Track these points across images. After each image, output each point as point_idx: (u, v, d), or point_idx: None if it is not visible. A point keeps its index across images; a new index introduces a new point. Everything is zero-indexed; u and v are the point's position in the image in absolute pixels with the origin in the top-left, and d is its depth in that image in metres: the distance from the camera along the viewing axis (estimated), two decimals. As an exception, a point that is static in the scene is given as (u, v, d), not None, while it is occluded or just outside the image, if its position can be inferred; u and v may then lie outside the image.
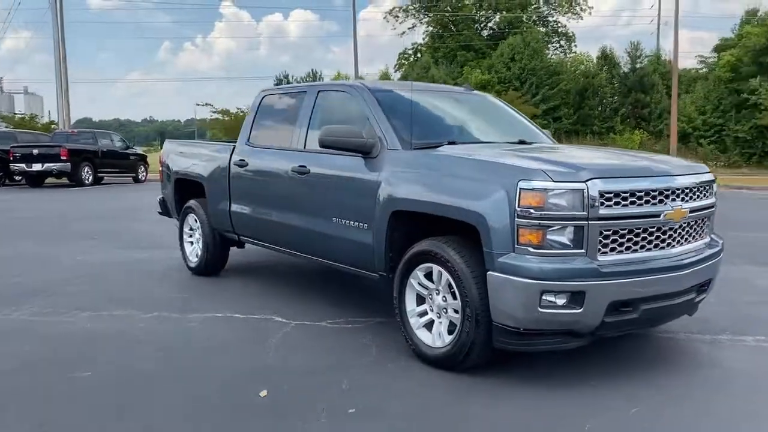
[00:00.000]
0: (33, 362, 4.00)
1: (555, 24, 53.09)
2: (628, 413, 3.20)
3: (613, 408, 3.26)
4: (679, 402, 3.36)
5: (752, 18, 38.11)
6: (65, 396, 3.46)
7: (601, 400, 3.35)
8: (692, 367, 3.88)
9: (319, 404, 3.32)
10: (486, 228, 3.40)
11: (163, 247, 8.19)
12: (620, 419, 3.14)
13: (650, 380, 3.64)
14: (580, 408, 3.26)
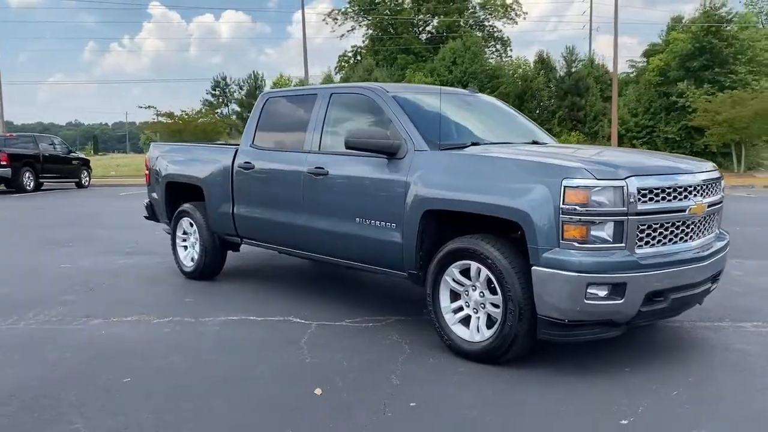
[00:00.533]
0: (78, 369, 3.91)
1: (491, 29, 54.36)
2: (670, 395, 3.42)
3: (653, 391, 3.48)
4: (710, 382, 3.62)
5: (678, 25, 40.05)
6: (126, 402, 3.41)
7: (641, 385, 3.57)
8: (707, 352, 4.16)
9: (377, 399, 3.41)
10: (531, 225, 3.56)
11: (145, 253, 8.04)
12: (665, 401, 3.36)
13: (675, 365, 3.89)
14: (626, 392, 3.46)
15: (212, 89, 55.71)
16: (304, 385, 3.63)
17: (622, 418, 3.14)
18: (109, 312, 5.22)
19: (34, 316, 5.15)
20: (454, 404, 3.36)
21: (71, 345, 4.41)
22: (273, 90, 6.11)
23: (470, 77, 36.87)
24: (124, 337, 4.61)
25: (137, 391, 3.56)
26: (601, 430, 3.04)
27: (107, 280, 6.51)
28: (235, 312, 5.18)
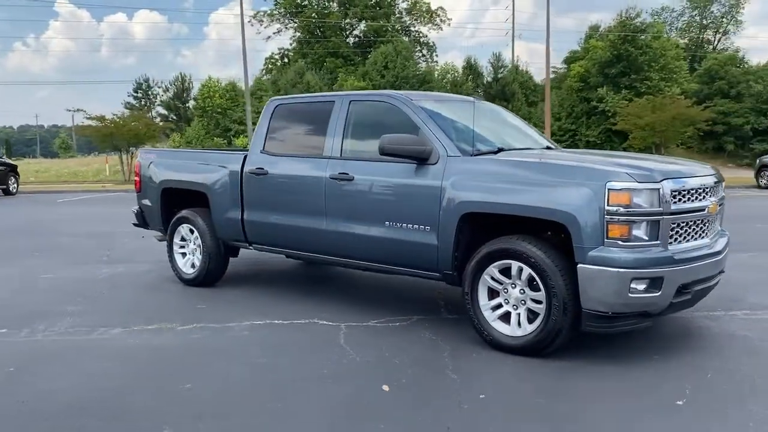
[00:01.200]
0: (134, 378, 3.90)
1: (417, 34, 55.26)
2: (705, 378, 3.80)
3: (688, 375, 3.84)
4: (733, 365, 4.02)
5: (594, 33, 42.06)
6: (205, 406, 3.45)
7: (675, 371, 3.93)
8: (716, 339, 4.58)
9: (446, 393, 3.61)
10: (577, 225, 3.85)
11: (125, 262, 7.87)
12: (704, 383, 3.73)
13: (694, 352, 4.29)
14: (664, 378, 3.81)
15: (134, 91, 53.98)
16: (370, 382, 3.78)
17: (676, 399, 3.47)
18: (125, 321, 5.16)
19: (47, 327, 5.02)
20: (521, 394, 3.61)
21: (107, 355, 4.37)
22: (282, 96, 6.17)
23: (402, 82, 37.42)
24: (157, 345, 4.59)
25: (210, 395, 3.61)
26: (664, 410, 3.35)
27: (102, 289, 6.37)
28: (255, 316, 5.23)
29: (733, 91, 39.01)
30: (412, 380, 3.82)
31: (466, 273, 4.41)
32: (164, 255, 6.63)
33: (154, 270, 7.23)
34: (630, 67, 36.16)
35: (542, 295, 4.06)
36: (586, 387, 3.68)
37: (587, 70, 37.96)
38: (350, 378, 3.89)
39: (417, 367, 4.04)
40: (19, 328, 5.02)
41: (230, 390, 3.71)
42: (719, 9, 54.76)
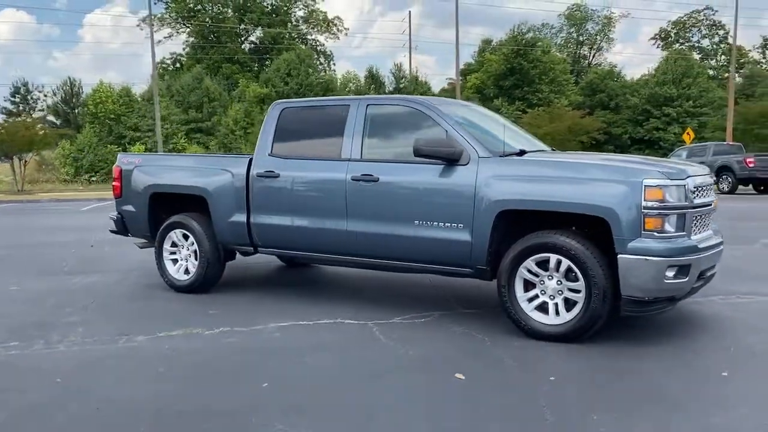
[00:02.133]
0: (203, 381, 3.85)
1: (314, 42, 55.43)
2: (729, 353, 4.30)
3: (714, 351, 4.33)
4: (746, 342, 4.55)
5: (487, 46, 44.17)
6: (303, 402, 3.49)
7: (700, 349, 4.41)
8: (719, 321, 5.11)
9: (519, 378, 3.86)
10: (617, 219, 4.23)
11: (91, 272, 7.51)
12: (732, 357, 4.21)
13: (703, 333, 4.80)
14: (695, 354, 4.28)
15: (11, 96, 50.17)
16: (437, 373, 3.96)
17: (720, 372, 3.91)
18: (143, 329, 4.99)
19: (63, 338, 4.78)
20: (588, 376, 3.92)
21: (149, 361, 4.27)
22: (287, 100, 6.18)
23: (307, 89, 37.46)
24: (194, 349, 4.52)
25: (294, 392, 3.65)
26: (713, 380, 3.79)
27: (86, 299, 6.07)
28: (277, 319, 5.22)
29: (612, 102, 42.22)
30: (481, 368, 4.03)
31: (502, 267, 4.68)
32: (128, 263, 6.47)
33: (128, 278, 7.00)
34: (523, 80, 38.30)
35: (581, 284, 4.40)
36: (641, 368, 4.04)
37: (483, 82, 39.77)
38: (415, 370, 4.04)
39: (471, 357, 4.26)
40: (29, 340, 4.74)
41: (310, 386, 3.76)
42: (593, 27, 59.00)
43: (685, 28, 58.47)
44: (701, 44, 58.16)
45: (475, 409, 3.40)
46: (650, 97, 40.73)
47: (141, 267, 7.61)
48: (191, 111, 38.23)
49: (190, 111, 38.17)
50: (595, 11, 57.77)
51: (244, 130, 37.14)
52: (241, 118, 37.37)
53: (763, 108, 30.14)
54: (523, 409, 3.42)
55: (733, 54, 35.43)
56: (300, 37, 54.64)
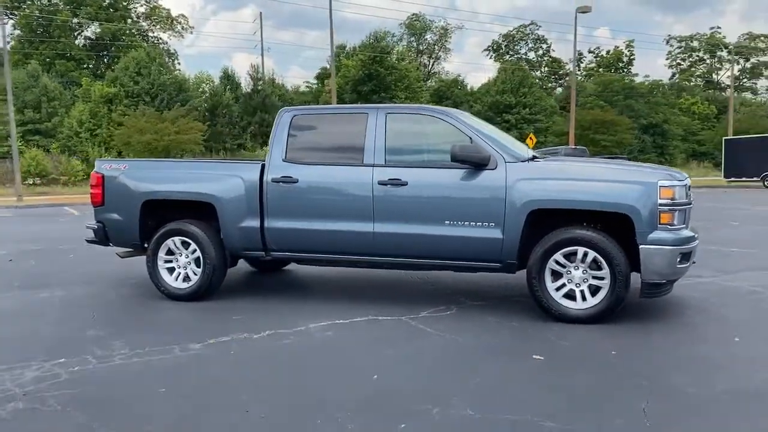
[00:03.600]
0: (298, 379, 3.99)
1: (156, 40, 52.92)
2: (731, 320, 5.20)
3: (709, 321, 5.22)
4: (738, 316, 5.50)
5: (341, 51, 45.01)
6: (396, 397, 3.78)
7: (705, 322, 5.29)
8: (716, 293, 6.07)
9: (585, 354, 4.46)
10: (639, 215, 4.98)
11: (50, 285, 7.04)
12: (735, 326, 5.11)
13: (694, 309, 5.70)
14: (705, 322, 5.12)
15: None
16: (512, 355, 4.45)
17: (732, 337, 4.78)
18: (186, 337, 4.92)
19: (110, 352, 4.60)
20: (642, 348, 4.58)
21: (229, 365, 4.33)
22: (297, 107, 6.27)
23: (159, 89, 35.78)
24: (261, 352, 4.60)
25: (407, 382, 3.95)
26: (730, 344, 4.63)
27: (89, 314, 5.77)
28: (310, 319, 5.36)
29: (459, 109, 44.86)
30: (549, 349, 4.55)
31: (533, 260, 5.25)
32: (76, 274, 6.18)
33: (99, 290, 6.74)
34: (380, 86, 39.58)
35: (605, 272, 5.09)
36: (663, 340, 4.81)
37: (341, 87, 40.47)
38: (489, 355, 4.49)
39: (525, 341, 4.79)
40: (75, 356, 4.50)
41: (413, 376, 4.06)
42: (432, 37, 62.19)
43: (514, 41, 63.64)
44: (528, 56, 63.54)
45: (582, 382, 3.92)
46: (492, 104, 43.95)
47: (96, 278, 7.28)
48: (27, 111, 34.93)
49: (26, 111, 34.87)
50: (432, 21, 60.99)
51: (91, 132, 34.69)
52: (87, 119, 34.84)
53: (594, 116, 33.96)
54: (618, 377, 3.99)
55: (573, 68, 39.29)
56: (141, 34, 51.91)
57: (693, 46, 63.36)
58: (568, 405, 3.56)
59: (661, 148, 47.29)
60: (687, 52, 63.95)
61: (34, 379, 4.05)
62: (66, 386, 3.92)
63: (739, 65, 63.02)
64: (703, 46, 62.73)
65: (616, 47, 62.10)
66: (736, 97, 55.06)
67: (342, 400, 3.65)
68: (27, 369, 4.24)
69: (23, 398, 3.74)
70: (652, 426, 3.27)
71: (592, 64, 64.76)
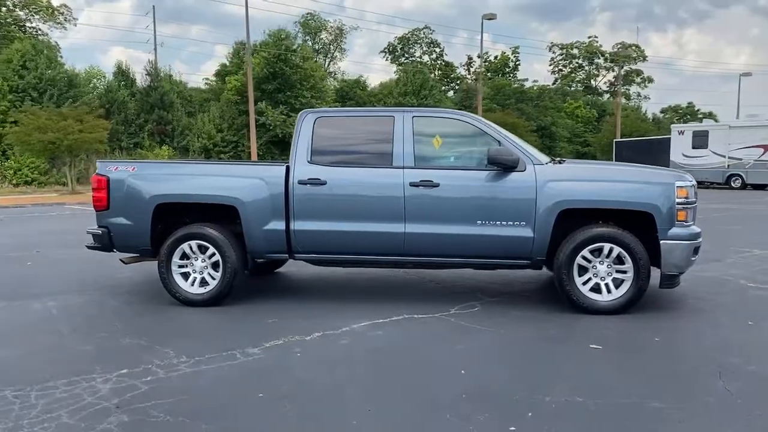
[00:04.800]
0: (383, 376, 4.05)
1: (35, 31, 49.27)
2: (733, 303, 5.78)
3: (727, 309, 5.79)
4: (719, 300, 6.11)
5: (241, 48, 43.96)
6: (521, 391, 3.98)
7: (713, 310, 5.83)
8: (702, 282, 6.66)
9: (625, 342, 4.84)
10: (660, 213, 5.44)
11: (41, 295, 6.54)
12: (737, 309, 5.70)
13: (689, 295, 6.27)
14: (711, 313, 5.67)
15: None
16: (572, 344, 4.76)
17: (746, 321, 5.34)
18: (236, 343, 4.83)
19: (168, 361, 4.44)
20: (679, 337, 5.02)
21: (317, 362, 4.33)
22: (319, 110, 6.23)
23: (48, 84, 33.39)
24: (327, 355, 4.63)
25: (487, 373, 4.17)
26: (745, 328, 5.19)
27: (110, 322, 5.49)
28: (347, 321, 5.39)
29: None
30: (592, 339, 4.88)
31: (562, 256, 5.58)
32: (67, 283, 5.98)
33: (104, 298, 6.38)
34: (285, 84, 39.11)
35: (629, 266, 5.51)
36: (690, 326, 5.32)
37: (244, 85, 39.58)
38: (545, 345, 4.81)
39: (569, 331, 5.13)
40: (132, 366, 4.30)
41: (496, 368, 4.28)
42: (327, 37, 62.21)
43: (409, 44, 64.95)
44: (422, 60, 65.02)
45: (656, 366, 4.28)
46: (395, 105, 44.66)
47: (79, 285, 6.89)
48: None
49: None
50: (327, 21, 60.91)
51: (-32, 130, 31.75)
52: (-37, 116, 31.86)
53: (496, 118, 35.35)
54: (684, 360, 4.38)
55: (480, 71, 40.53)
56: (18, 24, 48.11)
57: (573, 53, 67.46)
58: (661, 387, 3.87)
59: (549, 149, 50.04)
60: (568, 59, 67.99)
61: (112, 392, 3.87)
62: (155, 396, 3.79)
63: (614, 72, 67.88)
64: (582, 53, 66.97)
65: (503, 53, 64.94)
66: (615, 102, 59.38)
67: (451, 395, 3.78)
68: (93, 382, 4.03)
69: (119, 411, 3.58)
70: (743, 403, 3.65)
71: (481, 69, 67.35)
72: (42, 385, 3.96)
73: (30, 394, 3.82)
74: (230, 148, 38.14)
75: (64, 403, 3.70)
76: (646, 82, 65.55)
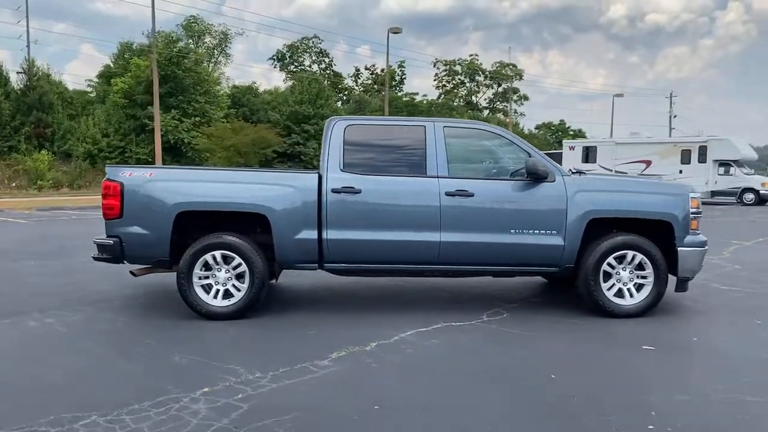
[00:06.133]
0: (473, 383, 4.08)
1: None
2: (734, 294, 6.30)
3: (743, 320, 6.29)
4: (717, 300, 6.64)
5: (127, 49, 41.77)
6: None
7: (716, 309, 6.31)
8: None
9: (666, 338, 5.15)
10: (678, 222, 5.85)
11: (41, 308, 5.89)
12: (743, 311, 6.22)
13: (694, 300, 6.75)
14: (716, 313, 6.16)
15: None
16: (624, 347, 5.02)
17: (753, 321, 5.84)
18: (296, 356, 4.62)
19: (244, 378, 4.19)
20: (710, 335, 5.40)
21: (393, 376, 4.27)
22: (348, 117, 6.07)
23: None
24: (401, 361, 4.58)
25: (584, 377, 4.28)
26: (756, 326, 5.69)
27: (123, 341, 5.07)
28: (391, 329, 5.36)
29: (254, 117, 44.49)
30: (638, 341, 5.14)
31: (590, 263, 5.83)
32: (47, 297, 5.86)
33: (108, 314, 5.87)
34: (177, 88, 37.52)
35: (649, 272, 5.86)
36: (705, 326, 5.76)
37: (131, 88, 37.55)
38: (601, 347, 5.05)
39: (607, 334, 5.39)
40: (210, 384, 4.02)
41: (580, 371, 4.43)
42: (211, 41, 60.51)
43: (298, 52, 64.58)
44: (311, 69, 64.87)
45: (719, 363, 4.59)
46: (290, 114, 44.20)
47: (65, 300, 6.31)
48: None
49: None
50: (212, 25, 59.09)
51: None
52: None
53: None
54: (739, 357, 4.73)
55: (387, 82, 40.86)
56: None
57: (456, 70, 70.13)
58: (741, 383, 4.17)
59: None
60: (451, 75, 70.57)
61: (214, 411, 3.63)
62: (265, 413, 3.59)
63: (492, 89, 71.35)
64: (464, 70, 69.78)
65: (390, 66, 66.16)
66: (494, 118, 62.40)
67: (563, 398, 3.87)
68: (180, 402, 3.75)
69: (242, 430, 3.33)
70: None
71: (369, 81, 68.27)
72: (128, 408, 3.63)
73: (124, 418, 3.50)
74: (117, 154, 35.96)
75: (173, 425, 3.41)
76: (522, 99, 69.14)
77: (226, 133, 28.99)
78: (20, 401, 3.76)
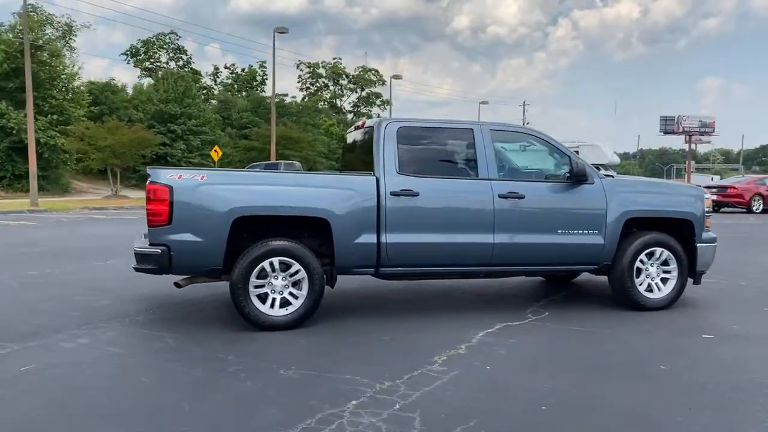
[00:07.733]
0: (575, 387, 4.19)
1: None
2: (737, 285, 6.89)
3: (727, 309, 6.86)
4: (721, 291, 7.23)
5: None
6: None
7: (714, 311, 6.87)
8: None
9: (696, 328, 5.57)
10: (698, 220, 6.33)
11: (58, 328, 5.09)
12: (725, 306, 6.82)
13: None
14: (716, 313, 6.72)
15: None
16: (683, 335, 5.35)
17: (761, 310, 6.44)
18: (400, 364, 4.42)
19: (383, 388, 3.94)
20: (746, 323, 5.85)
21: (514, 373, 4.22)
22: (398, 118, 5.83)
23: None
24: (505, 362, 4.55)
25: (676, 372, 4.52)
26: (755, 315, 6.29)
27: (211, 356, 4.57)
28: (460, 332, 5.29)
29: (114, 116, 41.61)
30: (694, 330, 5.50)
31: (625, 260, 6.12)
32: (56, 311, 5.57)
33: (160, 330, 5.23)
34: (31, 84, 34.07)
35: (674, 267, 6.28)
36: (729, 313, 6.25)
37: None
38: (666, 335, 5.33)
39: (654, 325, 5.68)
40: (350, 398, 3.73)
41: (673, 362, 4.62)
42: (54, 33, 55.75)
43: (153, 48, 61.17)
44: (169, 65, 61.74)
45: None
46: (155, 113, 41.83)
47: (78, 315, 5.58)
48: None
49: None
50: (53, 16, 54.31)
51: None
52: None
53: (283, 132, 35.22)
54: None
55: (273, 85, 39.53)
56: None
57: (320, 72, 70.10)
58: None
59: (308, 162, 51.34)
60: (315, 78, 70.43)
61: (389, 423, 3.40)
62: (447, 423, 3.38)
63: (356, 94, 72.18)
64: (328, 73, 69.93)
65: (251, 66, 64.77)
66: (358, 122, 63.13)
67: (701, 385, 4.04)
68: (341, 418, 3.46)
69: None
70: None
71: (229, 80, 66.35)
72: (300, 427, 3.28)
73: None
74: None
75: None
76: (385, 104, 70.52)
77: (100, 132, 26.78)
78: None
